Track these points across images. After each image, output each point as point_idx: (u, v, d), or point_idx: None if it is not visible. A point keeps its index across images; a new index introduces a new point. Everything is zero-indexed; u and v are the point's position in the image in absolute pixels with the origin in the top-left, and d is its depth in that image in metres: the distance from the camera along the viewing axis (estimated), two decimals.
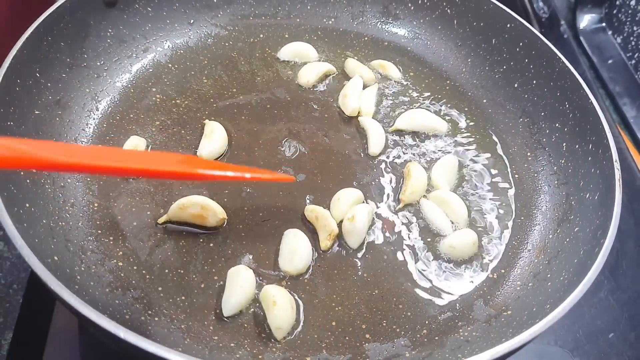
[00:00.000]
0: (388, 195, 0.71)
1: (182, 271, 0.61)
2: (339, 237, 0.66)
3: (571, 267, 0.60)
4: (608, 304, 0.70)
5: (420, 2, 0.89)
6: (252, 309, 0.59)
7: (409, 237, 0.67)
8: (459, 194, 0.72)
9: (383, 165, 0.74)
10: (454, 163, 0.74)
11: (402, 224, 0.68)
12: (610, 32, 1.07)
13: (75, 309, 0.46)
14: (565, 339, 0.68)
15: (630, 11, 1.02)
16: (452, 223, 0.69)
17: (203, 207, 0.64)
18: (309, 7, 0.91)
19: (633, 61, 1.03)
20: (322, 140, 0.76)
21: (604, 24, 1.08)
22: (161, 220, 0.64)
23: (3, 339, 0.68)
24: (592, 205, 0.65)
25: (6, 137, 0.52)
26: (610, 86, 1.00)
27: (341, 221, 0.66)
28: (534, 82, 0.79)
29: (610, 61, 1.03)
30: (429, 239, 0.67)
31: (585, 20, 1.08)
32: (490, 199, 0.72)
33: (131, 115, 0.75)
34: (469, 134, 0.79)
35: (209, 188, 0.68)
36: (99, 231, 0.63)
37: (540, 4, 1.08)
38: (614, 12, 1.06)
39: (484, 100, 0.83)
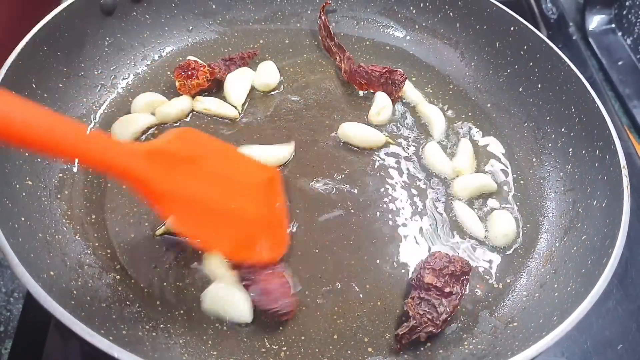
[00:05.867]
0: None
1: (180, 284, 0.60)
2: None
3: (579, 277, 0.59)
4: (617, 314, 0.69)
5: (422, 5, 0.87)
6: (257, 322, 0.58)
7: (412, 247, 0.66)
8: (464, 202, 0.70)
9: (383, 173, 0.73)
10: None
11: (405, 235, 0.67)
12: (619, 33, 1.05)
13: (68, 327, 0.45)
14: (572, 350, 0.66)
15: None
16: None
17: None
18: (309, 12, 0.89)
19: None
20: (314, 148, 0.75)
21: (613, 25, 1.06)
22: (159, 231, 0.64)
23: (3, 348, 0.68)
24: (600, 212, 0.63)
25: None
26: (620, 88, 0.98)
27: None
28: (539, 86, 0.77)
29: (619, 63, 1.01)
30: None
31: (594, 21, 1.06)
32: (494, 206, 0.71)
33: None
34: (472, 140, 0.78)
35: None
36: (96, 244, 0.62)
37: (549, 4, 1.06)
38: (624, 12, 1.03)
39: (488, 105, 0.82)
